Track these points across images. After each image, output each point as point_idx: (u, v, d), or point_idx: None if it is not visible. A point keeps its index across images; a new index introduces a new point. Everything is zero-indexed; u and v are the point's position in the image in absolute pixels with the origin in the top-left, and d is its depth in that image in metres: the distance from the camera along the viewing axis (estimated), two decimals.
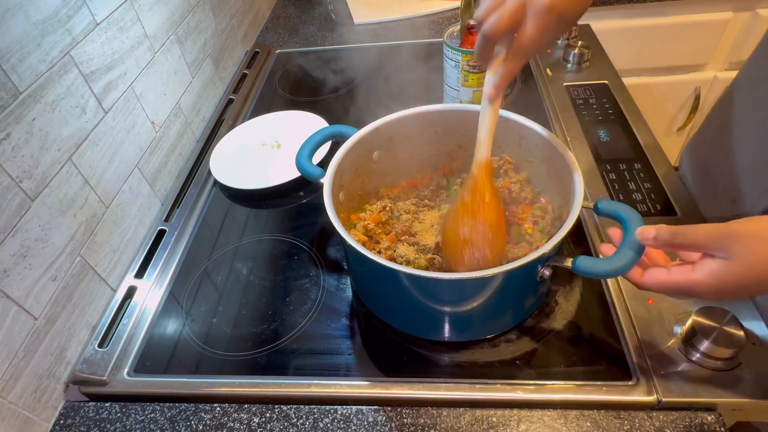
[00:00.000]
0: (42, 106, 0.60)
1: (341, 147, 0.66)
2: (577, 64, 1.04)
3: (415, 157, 0.74)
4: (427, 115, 0.70)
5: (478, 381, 0.58)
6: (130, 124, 0.77)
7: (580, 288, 0.66)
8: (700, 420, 0.53)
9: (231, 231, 0.82)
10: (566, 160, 0.59)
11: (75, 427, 0.59)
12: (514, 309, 0.61)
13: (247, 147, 0.96)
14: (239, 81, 1.16)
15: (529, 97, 1.01)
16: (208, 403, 0.59)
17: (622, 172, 0.79)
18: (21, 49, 0.57)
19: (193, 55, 0.98)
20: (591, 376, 0.57)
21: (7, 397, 0.54)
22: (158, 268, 0.76)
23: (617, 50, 1.16)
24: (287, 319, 0.67)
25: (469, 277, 0.50)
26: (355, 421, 0.56)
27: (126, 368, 0.64)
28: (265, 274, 0.74)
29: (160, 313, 0.70)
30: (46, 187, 0.60)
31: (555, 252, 0.53)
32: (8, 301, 0.54)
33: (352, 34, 1.32)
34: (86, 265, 0.66)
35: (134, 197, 0.78)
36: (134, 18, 0.79)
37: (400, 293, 0.57)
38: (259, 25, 1.39)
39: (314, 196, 0.86)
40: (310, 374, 0.61)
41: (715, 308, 0.57)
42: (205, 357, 0.64)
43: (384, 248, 0.63)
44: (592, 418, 0.54)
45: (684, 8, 1.37)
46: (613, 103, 0.94)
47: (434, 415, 0.56)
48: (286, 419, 0.57)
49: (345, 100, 1.08)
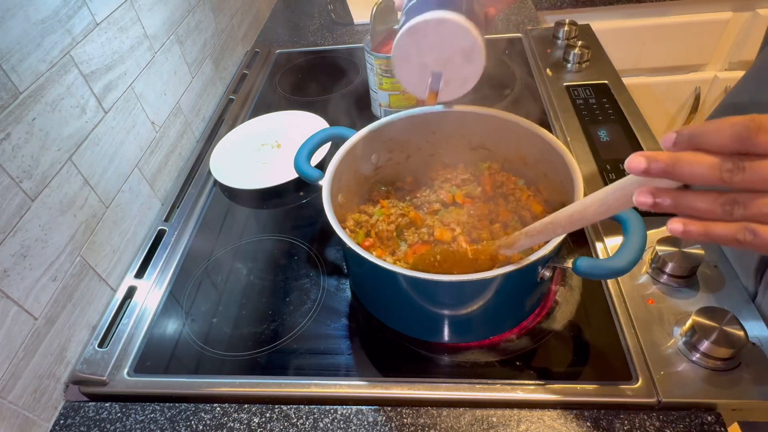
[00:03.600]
0: (42, 106, 0.60)
1: (340, 149, 0.66)
2: (577, 64, 1.04)
3: (413, 159, 0.74)
4: (426, 116, 0.69)
5: (478, 381, 0.58)
6: (130, 124, 0.77)
7: (580, 288, 0.66)
8: (700, 420, 0.53)
9: (231, 231, 0.82)
10: (566, 160, 0.59)
11: (75, 427, 0.59)
12: (515, 310, 0.61)
13: (247, 147, 0.96)
14: (239, 81, 1.16)
15: (529, 97, 1.01)
16: (208, 403, 0.59)
17: (622, 172, 0.79)
18: (21, 49, 0.57)
19: (193, 55, 0.98)
20: (591, 376, 0.57)
21: (7, 397, 0.54)
22: (158, 268, 0.76)
23: (617, 50, 1.16)
24: (287, 319, 0.67)
25: (469, 279, 0.50)
26: (355, 421, 0.56)
27: (126, 368, 0.64)
28: (265, 274, 0.74)
29: (160, 313, 0.70)
30: (46, 187, 0.60)
31: (555, 253, 0.53)
32: (8, 301, 0.54)
33: (352, 34, 1.32)
34: (86, 265, 0.66)
35: (134, 197, 0.78)
36: (134, 18, 0.79)
37: (399, 295, 0.57)
38: (259, 25, 1.39)
39: (314, 197, 0.86)
40: (310, 374, 0.61)
41: (715, 308, 0.57)
42: (205, 357, 0.64)
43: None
44: (592, 418, 0.54)
45: (684, 8, 1.37)
46: (613, 103, 0.94)
47: (434, 415, 0.56)
48: (286, 419, 0.57)
49: (345, 101, 1.08)
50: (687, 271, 0.63)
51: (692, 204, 0.33)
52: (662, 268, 0.63)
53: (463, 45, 0.50)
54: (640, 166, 0.33)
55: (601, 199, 0.40)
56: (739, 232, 0.32)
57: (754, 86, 0.70)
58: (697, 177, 0.32)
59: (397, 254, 0.64)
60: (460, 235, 0.64)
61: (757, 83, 0.69)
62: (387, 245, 0.66)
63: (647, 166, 0.33)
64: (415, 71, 0.54)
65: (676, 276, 0.63)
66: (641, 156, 0.33)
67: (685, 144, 0.32)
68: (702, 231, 0.33)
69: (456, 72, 0.53)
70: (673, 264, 0.62)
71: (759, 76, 0.69)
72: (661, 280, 0.64)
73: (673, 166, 0.32)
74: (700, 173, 0.32)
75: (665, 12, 1.38)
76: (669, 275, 0.63)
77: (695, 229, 0.33)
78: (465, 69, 0.53)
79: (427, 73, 0.54)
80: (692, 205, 0.33)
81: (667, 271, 0.63)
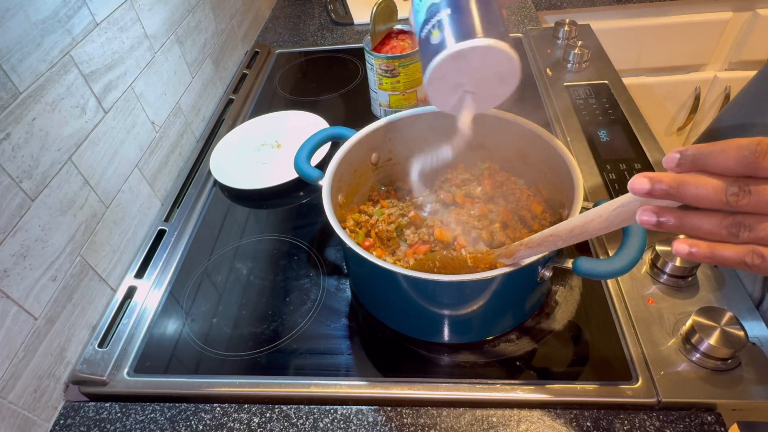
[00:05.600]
0: (42, 106, 0.60)
1: (340, 149, 0.66)
2: (577, 64, 1.04)
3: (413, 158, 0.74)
4: (426, 116, 0.69)
5: (478, 381, 0.58)
6: (130, 124, 0.77)
7: (580, 288, 0.66)
8: (700, 420, 0.53)
9: (231, 231, 0.82)
10: (566, 160, 0.59)
11: (75, 427, 0.59)
12: (515, 310, 0.61)
13: (247, 147, 0.96)
14: (239, 81, 1.16)
15: (529, 97, 1.01)
16: (208, 403, 0.59)
17: (622, 172, 0.79)
18: (21, 49, 0.57)
19: (193, 55, 0.98)
20: (591, 376, 0.57)
21: (7, 397, 0.54)
22: (158, 268, 0.76)
23: (617, 50, 1.16)
24: (287, 319, 0.67)
25: (469, 279, 0.50)
26: (355, 421, 0.56)
27: (126, 368, 0.64)
28: (265, 274, 0.74)
29: (160, 313, 0.70)
30: (46, 187, 0.60)
31: (555, 253, 0.53)
32: (8, 301, 0.54)
33: (352, 34, 1.32)
34: (86, 265, 0.66)
35: (134, 197, 0.78)
36: (134, 18, 0.79)
37: (399, 295, 0.57)
38: (259, 25, 1.39)
39: (314, 196, 0.86)
40: (310, 374, 0.61)
41: (715, 308, 0.57)
42: (205, 357, 0.64)
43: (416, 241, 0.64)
44: (592, 418, 0.54)
45: (684, 8, 1.37)
46: (613, 103, 0.94)
47: (434, 415, 0.56)
48: (286, 419, 0.57)
49: (345, 101, 1.08)
50: (687, 271, 0.63)
51: (697, 224, 0.33)
52: (662, 268, 0.63)
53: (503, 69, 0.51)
54: (644, 187, 0.33)
55: (602, 214, 0.40)
56: (747, 256, 0.31)
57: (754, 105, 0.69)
58: (702, 199, 0.31)
59: (397, 254, 0.64)
60: (459, 236, 0.64)
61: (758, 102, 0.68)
62: (387, 245, 0.66)
63: (651, 187, 0.33)
64: (446, 90, 0.54)
65: (676, 276, 0.63)
66: (644, 177, 0.33)
67: (688, 165, 0.32)
68: (708, 253, 0.32)
69: (488, 91, 0.54)
70: (673, 264, 0.62)
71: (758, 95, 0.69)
72: (661, 280, 0.64)
73: (678, 189, 0.32)
74: (705, 195, 0.31)
75: (665, 12, 1.38)
76: (669, 275, 0.63)
77: (701, 251, 0.33)
78: (498, 89, 0.53)
79: (458, 91, 0.53)
80: (697, 225, 0.33)
81: (667, 271, 0.63)
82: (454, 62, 0.49)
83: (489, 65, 0.50)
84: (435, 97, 0.55)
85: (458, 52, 0.48)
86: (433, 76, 0.51)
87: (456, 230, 0.65)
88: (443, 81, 0.52)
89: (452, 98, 0.54)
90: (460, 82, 0.52)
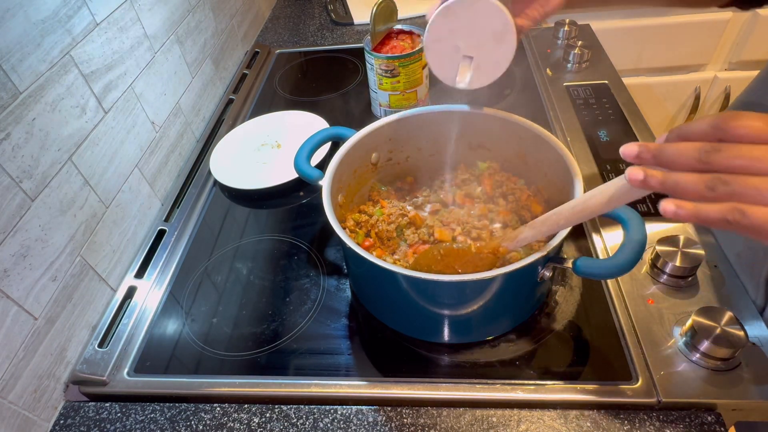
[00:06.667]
0: (42, 106, 0.60)
1: (340, 149, 0.66)
2: (577, 64, 1.04)
3: (413, 159, 0.74)
4: (426, 116, 0.69)
5: (478, 381, 0.58)
6: (130, 124, 0.77)
7: (580, 288, 0.66)
8: (700, 420, 0.53)
9: (231, 231, 0.82)
10: (566, 161, 0.59)
11: (75, 427, 0.59)
12: (515, 310, 0.61)
13: (247, 147, 0.96)
14: (239, 81, 1.16)
15: (529, 97, 1.01)
16: (208, 403, 0.59)
17: (622, 171, 0.79)
18: (21, 49, 0.57)
19: (193, 55, 0.98)
20: (591, 376, 0.57)
21: (7, 397, 0.54)
22: (158, 268, 0.76)
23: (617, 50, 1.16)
24: (287, 319, 0.67)
25: (470, 279, 0.50)
26: (355, 421, 0.56)
27: (126, 368, 0.64)
28: (265, 274, 0.74)
29: (160, 313, 0.70)
30: (46, 187, 0.60)
31: (555, 253, 0.53)
32: (8, 301, 0.54)
33: (352, 34, 1.32)
34: (86, 265, 0.66)
35: (134, 197, 0.78)
36: (134, 18, 0.79)
37: (399, 295, 0.57)
38: (259, 25, 1.39)
39: (314, 196, 0.86)
40: (310, 374, 0.61)
41: (715, 308, 0.57)
42: (205, 357, 0.64)
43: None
44: (592, 418, 0.54)
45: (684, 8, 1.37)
46: (613, 103, 0.94)
47: (434, 415, 0.56)
48: (286, 419, 0.57)
49: (345, 101, 1.08)
50: (687, 271, 0.63)
51: (679, 180, 0.36)
52: (662, 268, 0.63)
53: (496, 25, 0.51)
54: (633, 151, 0.39)
55: (602, 191, 0.44)
56: (729, 212, 0.33)
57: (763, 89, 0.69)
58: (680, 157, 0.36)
59: (397, 254, 0.64)
60: (460, 235, 0.64)
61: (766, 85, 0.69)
62: (387, 245, 0.66)
63: (639, 150, 0.38)
64: (446, 55, 0.55)
65: (676, 276, 0.63)
66: (634, 144, 0.39)
67: (674, 139, 0.38)
68: (693, 211, 0.35)
69: (488, 55, 0.54)
70: (673, 264, 0.62)
71: None
72: (661, 280, 0.64)
73: (660, 150, 0.37)
74: (681, 152, 0.36)
75: (665, 12, 1.38)
76: (669, 275, 0.63)
77: (686, 210, 0.35)
78: (497, 52, 0.54)
79: (458, 57, 0.54)
80: (679, 180, 0.36)
81: (667, 271, 0.63)
82: (444, 20, 0.51)
83: (480, 21, 0.51)
84: (436, 64, 0.56)
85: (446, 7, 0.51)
86: (429, 39, 0.52)
87: (456, 230, 0.65)
88: (440, 44, 0.53)
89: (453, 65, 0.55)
90: (457, 44, 0.53)
